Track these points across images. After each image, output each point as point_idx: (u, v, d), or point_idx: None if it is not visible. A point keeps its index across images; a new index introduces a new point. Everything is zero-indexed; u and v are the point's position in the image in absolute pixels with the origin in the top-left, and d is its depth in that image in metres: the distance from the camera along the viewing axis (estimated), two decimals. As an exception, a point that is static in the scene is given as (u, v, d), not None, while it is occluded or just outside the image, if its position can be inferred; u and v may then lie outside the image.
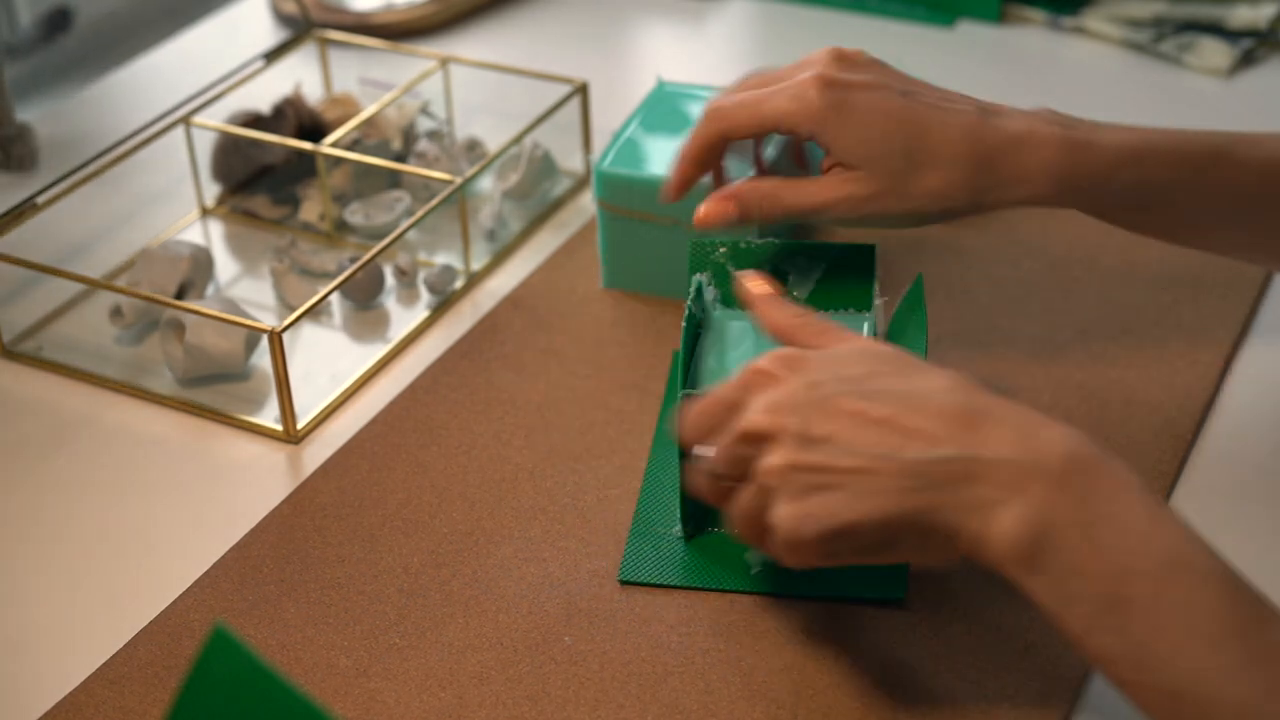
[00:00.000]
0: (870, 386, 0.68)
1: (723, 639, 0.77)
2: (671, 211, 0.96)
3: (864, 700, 0.74)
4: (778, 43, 1.33)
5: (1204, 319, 0.96)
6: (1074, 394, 0.91)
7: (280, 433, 0.91)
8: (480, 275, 1.04)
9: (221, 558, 0.83)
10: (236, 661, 0.54)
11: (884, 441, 0.66)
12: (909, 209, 0.82)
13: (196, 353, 0.93)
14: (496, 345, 0.97)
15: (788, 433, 0.67)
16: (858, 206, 0.81)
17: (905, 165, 0.80)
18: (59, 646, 0.79)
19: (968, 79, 1.21)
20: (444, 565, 0.82)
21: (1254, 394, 0.92)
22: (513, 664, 0.76)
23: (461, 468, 0.88)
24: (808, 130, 0.81)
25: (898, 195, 0.81)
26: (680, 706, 0.74)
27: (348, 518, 0.85)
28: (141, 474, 0.89)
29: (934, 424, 0.66)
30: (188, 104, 1.11)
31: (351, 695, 0.75)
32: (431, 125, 1.16)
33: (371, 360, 0.96)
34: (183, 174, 1.12)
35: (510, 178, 1.08)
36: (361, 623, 0.79)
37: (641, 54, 1.34)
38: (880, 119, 0.80)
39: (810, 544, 0.67)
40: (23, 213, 1.00)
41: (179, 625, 0.79)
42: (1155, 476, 0.85)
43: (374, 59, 1.25)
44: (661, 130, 1.01)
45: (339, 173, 1.09)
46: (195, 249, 1.00)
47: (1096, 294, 0.99)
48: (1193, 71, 1.25)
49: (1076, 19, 1.31)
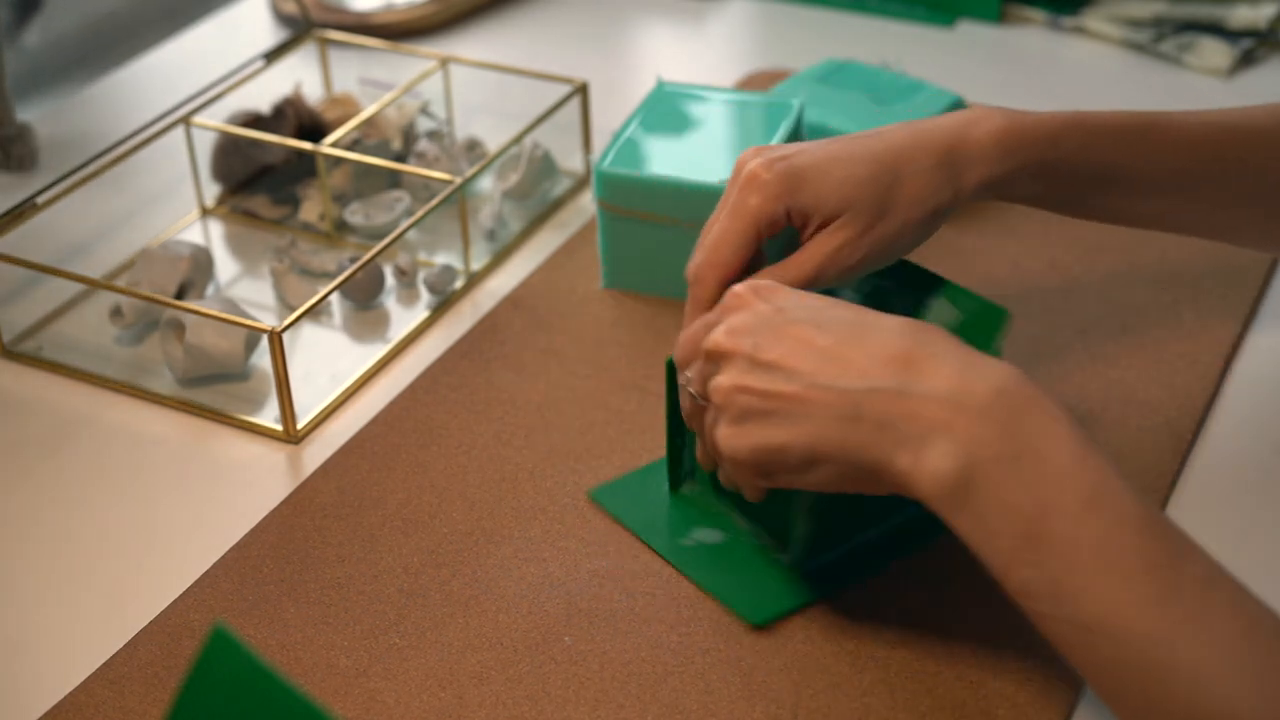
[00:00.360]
0: (825, 315, 0.70)
1: (723, 639, 0.77)
2: (671, 211, 0.96)
3: (864, 700, 0.74)
4: (778, 43, 1.33)
5: (1204, 319, 0.97)
6: (1074, 394, 0.91)
7: (280, 433, 0.91)
8: (480, 275, 1.04)
9: (221, 558, 0.83)
10: (236, 661, 0.54)
11: (823, 370, 0.68)
12: (900, 225, 0.81)
13: (196, 353, 0.93)
14: (496, 345, 0.97)
15: (740, 353, 0.70)
16: (856, 248, 0.80)
17: (879, 190, 0.80)
18: (59, 646, 0.79)
19: (968, 79, 1.22)
20: (444, 565, 0.82)
21: (1254, 394, 0.92)
22: (513, 664, 0.76)
23: (461, 468, 0.88)
24: (783, 208, 0.80)
25: (885, 219, 0.81)
26: (680, 706, 0.74)
27: (348, 518, 0.85)
28: (141, 474, 0.89)
29: (873, 356, 0.68)
30: (188, 104, 1.11)
31: (351, 695, 0.75)
32: (431, 125, 1.16)
33: (371, 360, 0.96)
34: (183, 174, 1.13)
35: (510, 178, 1.08)
36: (361, 623, 0.79)
37: (641, 54, 1.34)
38: (835, 164, 0.80)
39: (745, 464, 0.71)
40: (23, 213, 1.00)
41: (179, 625, 0.79)
42: (1155, 476, 0.85)
43: (374, 59, 1.26)
44: (661, 130, 1.01)
45: (339, 173, 1.09)
46: (195, 249, 1.00)
47: (1096, 294, 0.99)
48: (1193, 71, 1.25)
49: (1076, 19, 1.31)
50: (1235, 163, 0.84)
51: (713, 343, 0.72)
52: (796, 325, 0.70)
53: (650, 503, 0.84)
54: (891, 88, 1.09)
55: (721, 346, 0.71)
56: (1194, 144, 0.83)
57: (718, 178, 0.95)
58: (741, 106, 1.03)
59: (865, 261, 0.81)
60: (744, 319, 0.72)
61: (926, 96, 1.08)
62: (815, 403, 0.68)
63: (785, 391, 0.68)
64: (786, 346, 0.69)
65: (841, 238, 0.80)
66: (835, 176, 0.80)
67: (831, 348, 0.68)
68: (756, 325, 0.71)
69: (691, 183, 0.95)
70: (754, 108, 1.03)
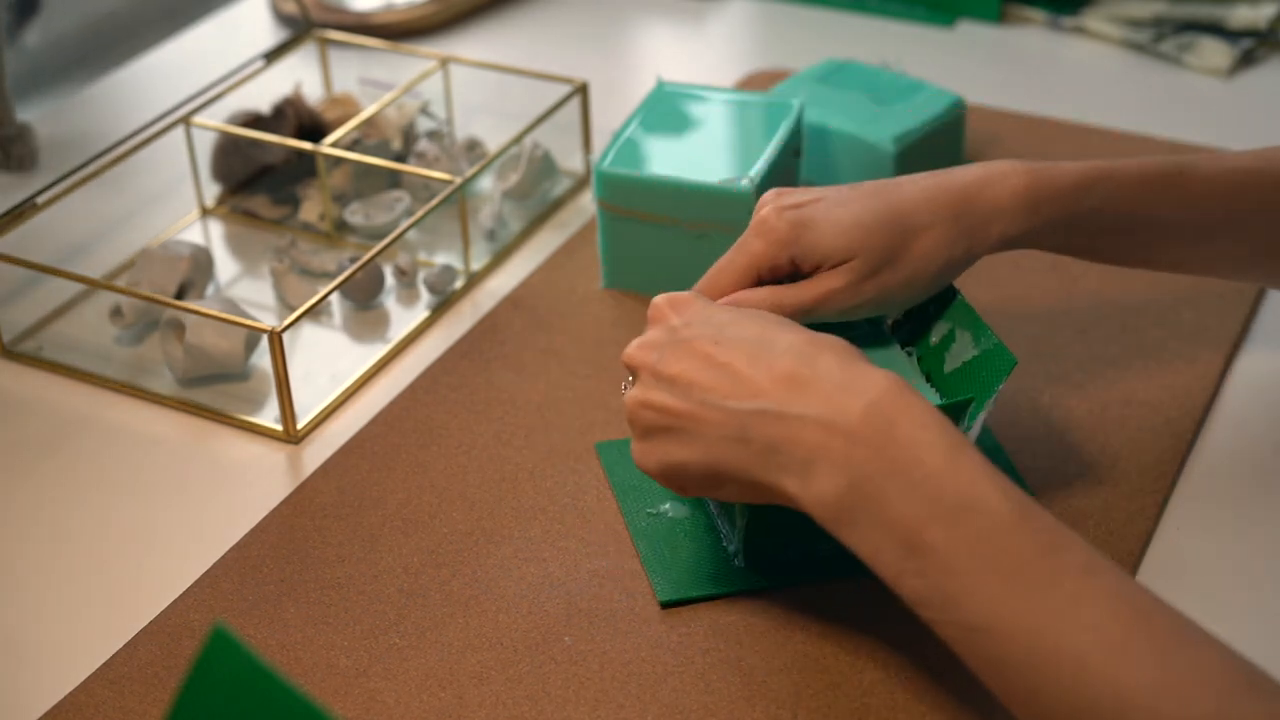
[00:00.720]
0: (727, 332, 0.71)
1: (723, 639, 0.77)
2: (671, 211, 0.96)
3: (864, 700, 0.74)
4: (778, 43, 1.33)
5: (1204, 319, 0.97)
6: (1074, 394, 0.91)
7: (280, 433, 0.91)
8: (480, 275, 1.04)
9: (221, 558, 0.83)
10: (236, 661, 0.54)
11: (716, 388, 0.70)
12: (907, 276, 0.81)
13: (196, 353, 0.93)
14: (496, 345, 0.97)
15: (646, 368, 0.72)
16: (855, 292, 0.81)
17: (888, 239, 0.81)
18: (59, 646, 0.79)
19: (968, 79, 1.21)
20: (444, 565, 0.82)
21: (1254, 394, 0.92)
22: (513, 664, 0.76)
23: (461, 468, 0.88)
24: (786, 256, 0.81)
25: (891, 269, 0.81)
26: (680, 706, 0.74)
27: (348, 518, 0.85)
28: (141, 474, 0.89)
29: (764, 377, 0.69)
30: (188, 104, 1.11)
31: (351, 695, 0.75)
32: (431, 125, 1.16)
33: (371, 360, 0.96)
34: (183, 174, 1.13)
35: (510, 178, 1.08)
36: (361, 623, 0.79)
37: (641, 54, 1.34)
38: (848, 212, 0.81)
39: (657, 478, 0.73)
40: (23, 213, 1.00)
41: (179, 625, 0.79)
42: (1155, 476, 0.85)
43: (374, 59, 1.26)
44: (661, 130, 1.01)
45: (339, 173, 1.09)
46: (195, 249, 1.00)
47: (1096, 294, 0.99)
48: (1193, 71, 1.25)
49: (1076, 19, 1.31)
50: (1263, 208, 0.84)
51: (625, 356, 0.74)
52: (698, 341, 0.71)
53: None
54: (891, 88, 1.09)
55: (631, 360, 0.74)
56: (1221, 190, 0.83)
57: (718, 178, 0.95)
58: (741, 106, 1.03)
59: (866, 306, 0.82)
60: (655, 333, 0.74)
61: (926, 96, 1.08)
62: (708, 422, 0.70)
63: (680, 409, 0.70)
64: (686, 363, 0.71)
65: (842, 280, 0.81)
66: (843, 224, 0.81)
67: (727, 365, 0.70)
68: (663, 340, 0.73)
69: (691, 183, 0.95)
70: (754, 108, 1.03)
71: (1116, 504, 0.83)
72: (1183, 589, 0.79)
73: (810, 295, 0.81)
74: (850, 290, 0.81)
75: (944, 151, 1.07)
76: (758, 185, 0.94)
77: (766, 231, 0.81)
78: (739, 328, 0.72)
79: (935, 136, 1.06)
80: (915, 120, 1.05)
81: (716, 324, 0.72)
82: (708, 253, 0.92)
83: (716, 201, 0.95)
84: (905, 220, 0.81)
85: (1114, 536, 0.81)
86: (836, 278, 0.81)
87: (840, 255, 0.81)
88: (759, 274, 0.82)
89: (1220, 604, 0.78)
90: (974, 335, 0.81)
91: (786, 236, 0.81)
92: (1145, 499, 0.84)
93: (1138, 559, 0.80)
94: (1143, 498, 0.84)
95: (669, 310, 0.75)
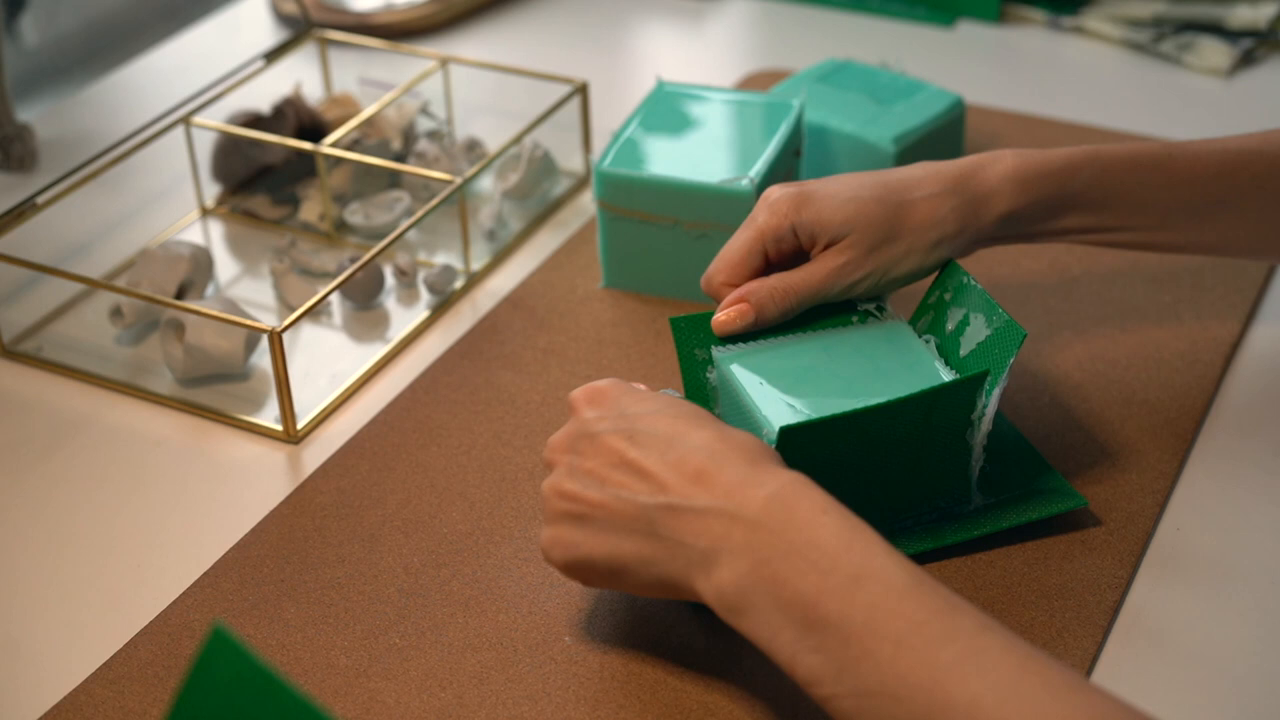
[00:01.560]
0: (638, 426, 0.72)
1: (723, 639, 0.77)
2: (671, 211, 0.96)
3: (864, 700, 0.74)
4: (778, 43, 1.33)
5: (1204, 319, 0.97)
6: (1074, 394, 0.91)
7: (280, 433, 0.91)
8: (480, 275, 1.04)
9: (221, 558, 0.83)
10: (236, 661, 0.54)
11: (628, 484, 0.71)
12: (906, 248, 0.84)
13: (196, 353, 0.93)
14: (496, 345, 0.97)
15: (560, 462, 0.74)
16: (858, 267, 0.84)
17: (886, 212, 0.84)
18: (59, 646, 0.79)
19: (968, 79, 1.22)
20: (444, 565, 0.82)
21: (1253, 394, 0.92)
22: (513, 664, 0.76)
23: (461, 468, 0.88)
24: (788, 224, 0.84)
25: (892, 242, 0.84)
26: (680, 706, 0.74)
27: (348, 518, 0.85)
28: (141, 474, 0.89)
29: (672, 474, 0.70)
30: (188, 104, 1.11)
31: (351, 695, 0.75)
32: (431, 125, 1.16)
33: (371, 360, 0.96)
34: (183, 174, 1.13)
35: (510, 178, 1.08)
36: (361, 623, 0.79)
37: (641, 54, 1.34)
38: (847, 189, 0.85)
39: (561, 569, 0.74)
40: (23, 213, 1.00)
41: (179, 625, 0.79)
42: (1155, 476, 0.85)
43: (374, 59, 1.26)
44: (661, 130, 1.01)
45: (339, 173, 1.09)
46: (195, 249, 1.00)
47: (1096, 294, 0.99)
48: (1192, 71, 1.25)
49: (1076, 19, 1.31)
50: (1252, 188, 0.85)
51: (546, 447, 0.76)
52: (609, 436, 0.72)
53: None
54: (891, 88, 1.09)
55: (549, 453, 0.75)
56: (1214, 170, 0.85)
57: (718, 178, 0.95)
58: (741, 106, 1.03)
59: (868, 281, 0.85)
60: (571, 426, 0.75)
61: (926, 96, 1.08)
62: (618, 514, 0.71)
63: (593, 499, 0.71)
64: (599, 459, 0.72)
65: (845, 256, 0.84)
66: (842, 197, 0.84)
67: (637, 460, 0.71)
68: (577, 434, 0.74)
69: (691, 183, 0.95)
70: (754, 108, 1.03)
71: (1116, 504, 0.83)
72: (1183, 589, 0.80)
73: (817, 275, 0.84)
74: (853, 265, 0.84)
75: (944, 151, 1.07)
76: (758, 185, 0.94)
77: (770, 205, 0.84)
78: (652, 422, 0.72)
79: (935, 136, 1.06)
80: (915, 120, 1.06)
81: (629, 416, 0.73)
82: (708, 253, 0.93)
83: (717, 201, 0.95)
84: (903, 193, 0.84)
85: (1114, 536, 0.81)
86: (839, 254, 0.84)
87: (840, 227, 0.83)
88: (764, 249, 0.85)
89: (1221, 603, 0.78)
90: (987, 317, 0.82)
91: (789, 206, 0.84)
92: (1146, 499, 0.84)
93: (1138, 559, 0.80)
94: (1143, 498, 0.84)
95: (584, 405, 0.75)
